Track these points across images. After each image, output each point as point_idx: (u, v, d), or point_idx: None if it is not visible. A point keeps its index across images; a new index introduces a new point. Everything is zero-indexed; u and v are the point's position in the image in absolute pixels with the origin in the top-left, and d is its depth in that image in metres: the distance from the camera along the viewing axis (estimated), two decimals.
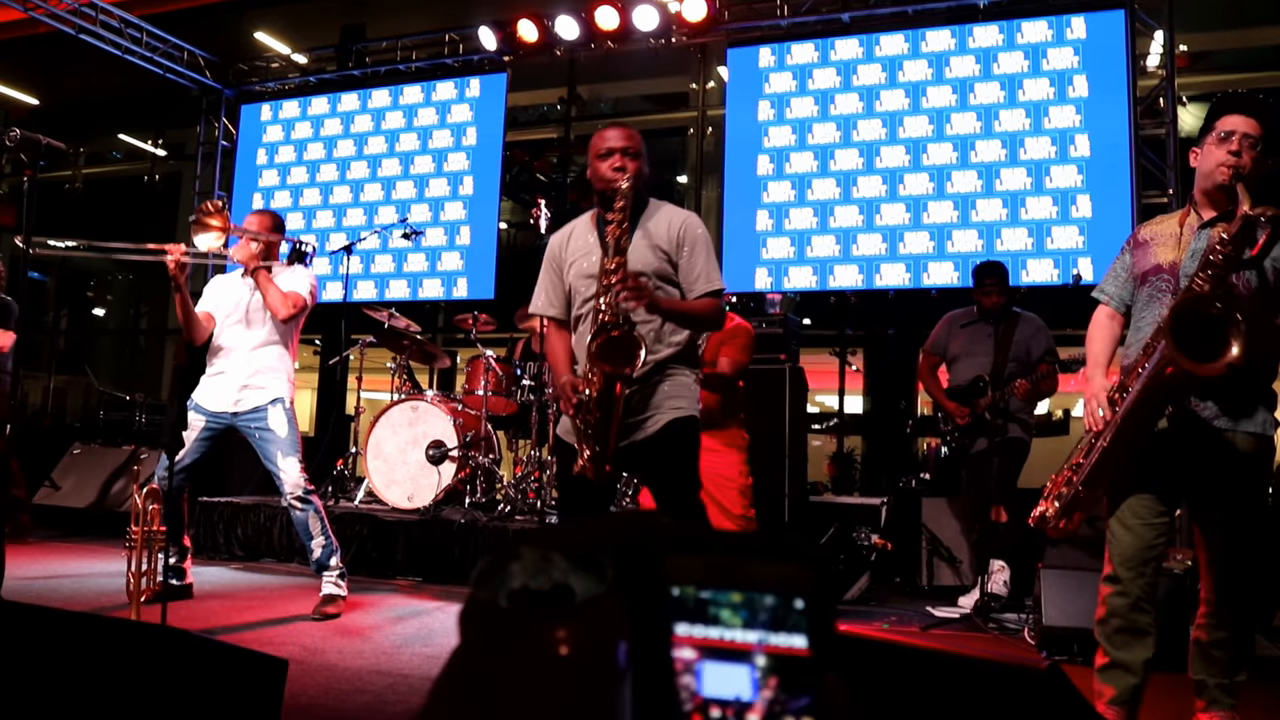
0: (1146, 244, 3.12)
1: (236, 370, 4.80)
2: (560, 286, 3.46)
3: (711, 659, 0.64)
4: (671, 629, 0.64)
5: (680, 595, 0.64)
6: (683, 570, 0.65)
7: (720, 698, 0.63)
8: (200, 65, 10.59)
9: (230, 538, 6.61)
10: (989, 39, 7.81)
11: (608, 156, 3.34)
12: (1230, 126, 2.93)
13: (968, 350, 5.80)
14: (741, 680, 0.63)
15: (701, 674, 0.64)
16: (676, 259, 3.34)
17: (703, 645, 0.64)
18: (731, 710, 0.63)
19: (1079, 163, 7.38)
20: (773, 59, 8.52)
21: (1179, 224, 3.06)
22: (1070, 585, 4.34)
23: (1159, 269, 3.03)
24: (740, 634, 0.63)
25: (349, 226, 9.80)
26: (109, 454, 8.03)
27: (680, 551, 0.65)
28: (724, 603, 0.64)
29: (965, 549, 6.23)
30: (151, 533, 4.27)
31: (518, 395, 7.05)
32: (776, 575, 0.64)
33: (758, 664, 0.63)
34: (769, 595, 0.63)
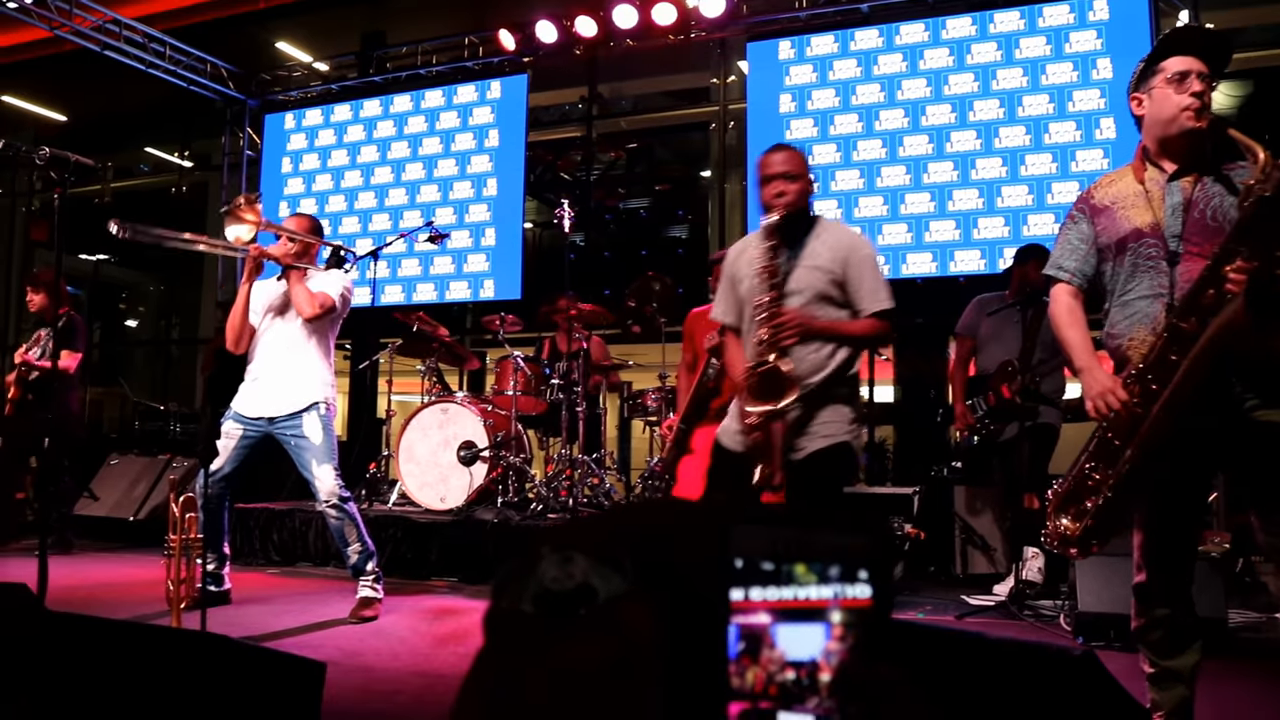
0: (1109, 209, 2.78)
1: (272, 375, 4.84)
2: (734, 297, 3.54)
3: (784, 621, 0.65)
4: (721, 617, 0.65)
5: (746, 566, 0.65)
6: (750, 543, 0.66)
7: (795, 660, 0.65)
8: (223, 77, 10.69)
9: (266, 543, 6.67)
10: (1010, 24, 7.76)
11: (768, 183, 3.42)
12: (1184, 66, 2.66)
13: (996, 334, 5.79)
14: (814, 641, 0.65)
15: (776, 637, 0.65)
16: (843, 278, 3.37)
17: (772, 608, 0.65)
18: (805, 671, 0.65)
19: (1104, 146, 7.33)
20: (792, 51, 8.51)
21: (1139, 182, 2.74)
22: (1105, 571, 4.32)
23: (1139, 233, 2.68)
24: (810, 592, 0.65)
25: (375, 231, 9.86)
26: (145, 464, 8.14)
27: (748, 524, 0.67)
28: (790, 570, 0.65)
29: (999, 537, 6.21)
30: (189, 540, 4.33)
31: (547, 394, 7.08)
32: (842, 546, 0.66)
33: (830, 620, 0.65)
34: (835, 565, 0.65)
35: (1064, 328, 2.86)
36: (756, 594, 0.66)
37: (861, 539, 0.66)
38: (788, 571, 0.65)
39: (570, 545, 0.70)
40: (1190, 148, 2.67)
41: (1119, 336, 2.73)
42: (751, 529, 0.66)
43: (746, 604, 0.66)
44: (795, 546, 0.66)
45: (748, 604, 0.66)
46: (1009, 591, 5.26)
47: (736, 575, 0.65)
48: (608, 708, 0.64)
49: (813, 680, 0.64)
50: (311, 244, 4.99)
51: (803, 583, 0.65)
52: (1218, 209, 2.61)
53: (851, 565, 0.65)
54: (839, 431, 3.33)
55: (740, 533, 0.66)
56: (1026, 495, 5.44)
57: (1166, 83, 2.69)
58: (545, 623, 0.69)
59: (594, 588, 0.68)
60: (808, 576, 0.65)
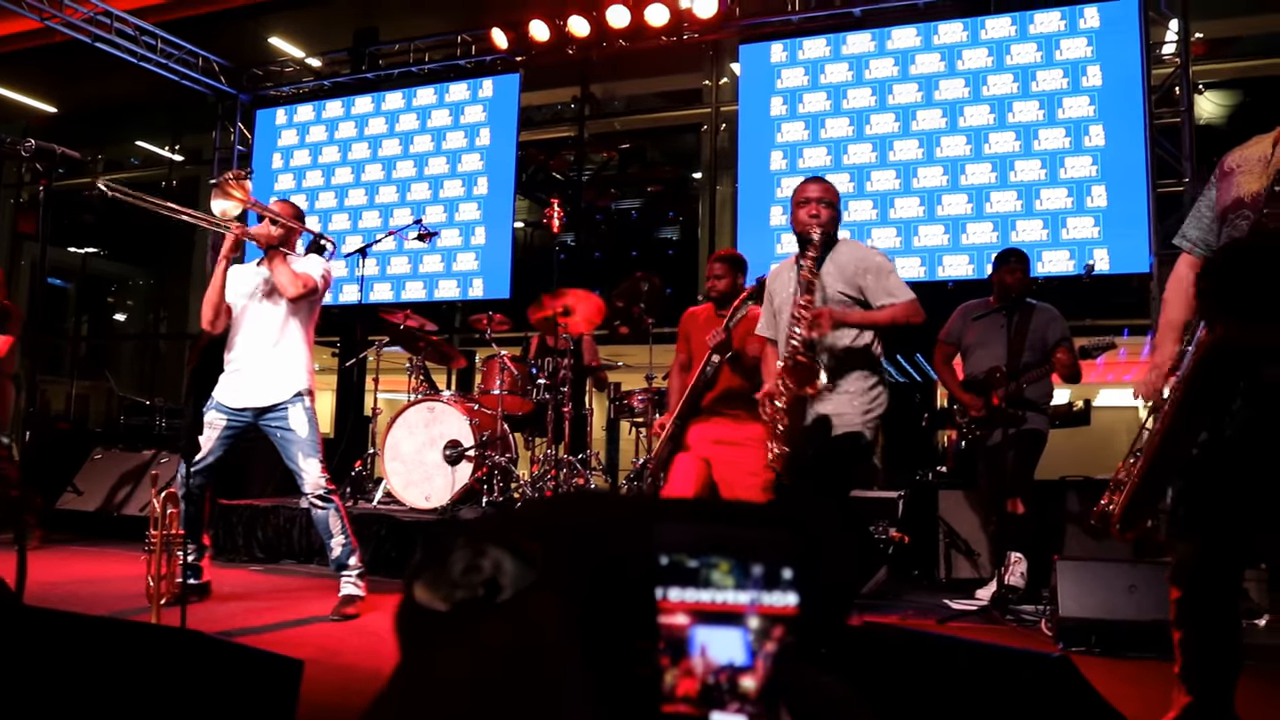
0: (1231, 173, 2.52)
1: (254, 363, 4.82)
2: (770, 313, 4.25)
3: (705, 624, 0.64)
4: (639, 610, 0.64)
5: (671, 563, 0.64)
6: (674, 539, 0.65)
7: (716, 663, 0.63)
8: (215, 71, 10.66)
9: (250, 540, 6.65)
10: (1001, 30, 7.79)
11: (805, 205, 3.99)
12: None
13: (982, 340, 5.80)
14: (735, 645, 0.63)
15: (694, 640, 0.64)
16: (862, 285, 3.92)
17: (695, 610, 0.64)
18: (726, 675, 0.63)
19: (1094, 153, 7.35)
20: (784, 54, 8.52)
21: (1273, 143, 2.45)
22: (1086, 577, 4.33)
23: (1240, 203, 2.44)
24: (733, 596, 0.64)
25: (364, 229, 9.84)
26: (129, 459, 8.11)
27: (672, 521, 0.65)
28: (715, 569, 0.64)
29: (983, 541, 6.22)
30: (170, 536, 4.31)
31: (533, 394, 7.07)
32: (767, 542, 0.64)
33: (751, 626, 0.64)
34: (759, 562, 0.64)
35: (1165, 300, 2.69)
36: (682, 594, 0.64)
37: (789, 536, 0.65)
38: (713, 570, 0.64)
39: (483, 538, 0.69)
40: None
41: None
42: (679, 526, 0.65)
43: (672, 604, 0.64)
44: (722, 544, 0.65)
45: (673, 604, 0.64)
46: (991, 596, 5.26)
47: (662, 572, 0.64)
48: (515, 701, 0.63)
49: (734, 685, 0.63)
50: (294, 230, 4.97)
51: (727, 584, 0.64)
52: None
53: (777, 564, 0.64)
54: (847, 421, 3.87)
55: (667, 529, 0.65)
56: (1011, 500, 5.45)
57: None
58: (453, 617, 0.68)
59: (501, 580, 0.66)
60: (733, 577, 0.64)
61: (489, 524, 0.72)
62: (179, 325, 14.71)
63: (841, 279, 3.91)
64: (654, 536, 0.64)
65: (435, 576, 0.71)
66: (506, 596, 0.67)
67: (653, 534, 0.65)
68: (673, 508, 0.66)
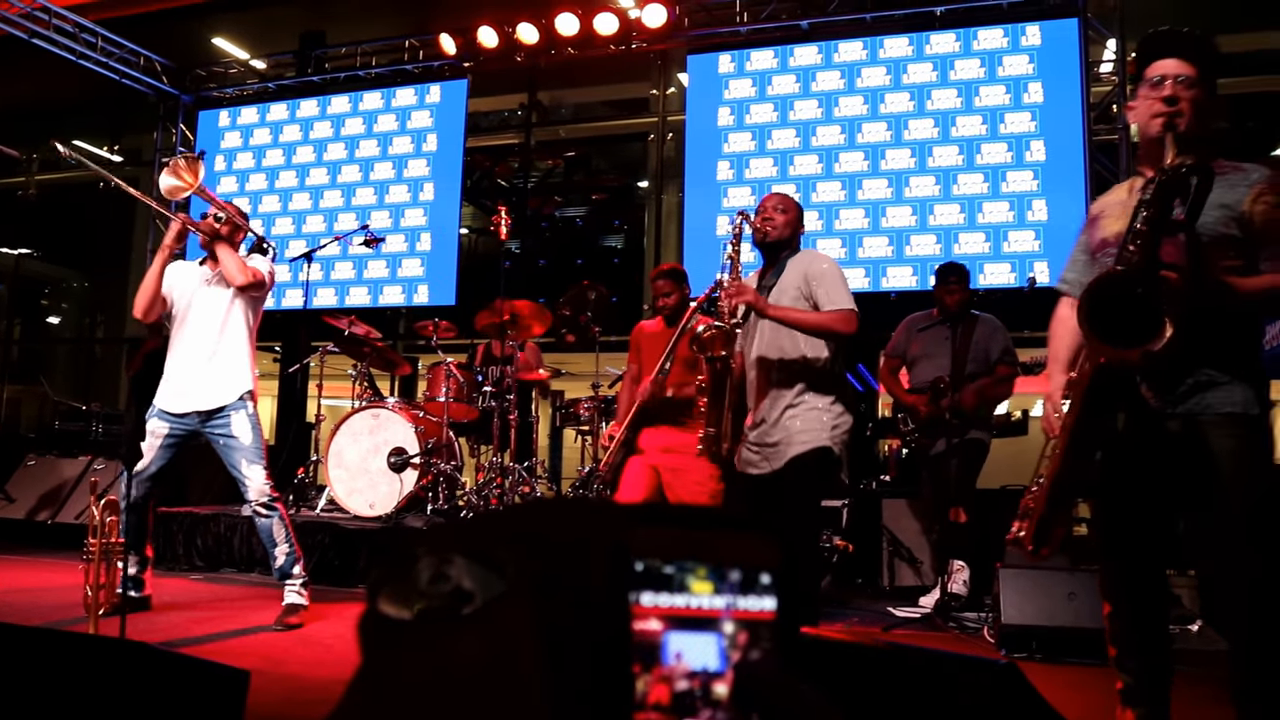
0: (1096, 219, 2.77)
1: (196, 366, 4.72)
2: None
3: (678, 629, 0.63)
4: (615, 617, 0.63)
5: (645, 569, 0.63)
6: (648, 545, 0.64)
7: (689, 669, 0.62)
8: (157, 71, 10.49)
9: (190, 548, 6.54)
10: (946, 46, 7.91)
11: (759, 213, 4.08)
12: (1160, 71, 2.54)
13: (927, 352, 5.87)
14: (709, 650, 0.63)
15: (668, 647, 0.62)
16: (811, 292, 3.90)
17: (669, 615, 0.63)
18: (699, 681, 0.62)
19: (1035, 167, 7.49)
20: (732, 65, 8.57)
21: (1128, 190, 2.69)
22: (1028, 584, 4.40)
23: (1105, 243, 2.66)
24: (707, 601, 0.63)
25: (309, 233, 9.74)
26: (65, 465, 7.94)
27: (646, 525, 0.64)
28: (691, 574, 0.63)
29: (926, 549, 6.29)
30: (109, 545, 4.23)
31: (479, 401, 7.04)
32: (743, 548, 0.64)
33: (725, 632, 0.63)
34: (735, 569, 0.64)
35: (1051, 336, 2.89)
36: (656, 599, 0.63)
37: (770, 543, 0.65)
38: (687, 577, 0.64)
39: (448, 547, 0.68)
40: (1161, 153, 2.49)
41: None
42: (653, 531, 0.64)
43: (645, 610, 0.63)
44: (698, 550, 0.64)
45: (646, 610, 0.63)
46: (935, 603, 5.33)
47: (636, 579, 0.63)
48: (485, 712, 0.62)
49: (707, 691, 0.63)
50: (240, 228, 4.90)
51: (702, 589, 0.64)
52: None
53: (754, 571, 0.64)
54: (814, 439, 3.80)
55: (641, 535, 0.64)
56: (953, 509, 5.53)
57: (1147, 88, 2.59)
58: (421, 628, 0.67)
59: (470, 590, 0.66)
60: (707, 582, 0.64)
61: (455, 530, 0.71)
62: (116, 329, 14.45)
63: (795, 281, 3.94)
64: (627, 542, 0.64)
65: (401, 586, 0.70)
66: (477, 606, 0.66)
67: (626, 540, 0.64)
68: (647, 513, 0.66)
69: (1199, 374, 2.50)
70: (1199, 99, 2.53)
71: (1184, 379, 2.50)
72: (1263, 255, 2.48)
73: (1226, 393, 2.50)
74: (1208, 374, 2.50)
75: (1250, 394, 2.51)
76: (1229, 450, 2.49)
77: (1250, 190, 2.50)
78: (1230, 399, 2.49)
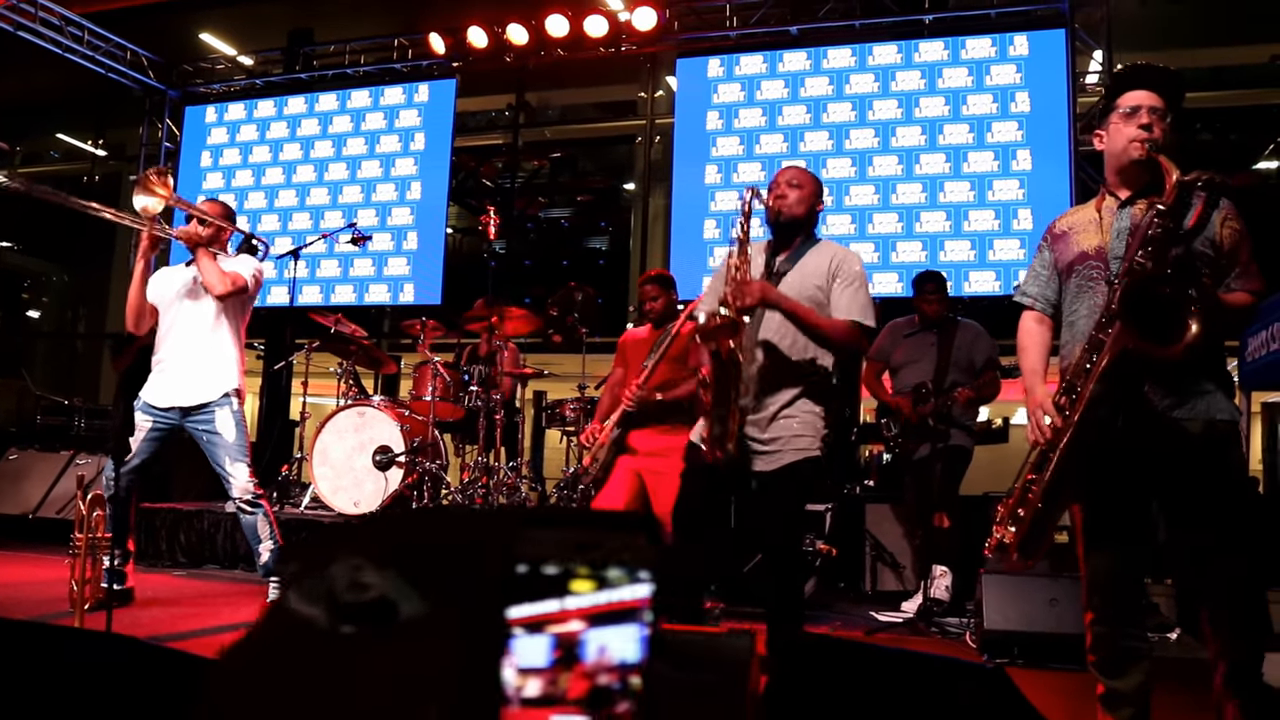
0: (1066, 234, 2.94)
1: (182, 362, 4.73)
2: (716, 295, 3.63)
3: (591, 627, 0.66)
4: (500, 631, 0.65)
5: (531, 572, 0.66)
6: (537, 547, 0.67)
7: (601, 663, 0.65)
8: (143, 65, 10.45)
9: (173, 544, 6.52)
10: (934, 54, 7.96)
11: (772, 188, 3.64)
12: (1135, 101, 2.78)
13: (911, 358, 5.90)
14: (627, 643, 0.66)
15: (585, 644, 0.66)
16: (829, 291, 3.52)
17: (551, 617, 0.66)
18: (617, 675, 0.66)
19: (1021, 176, 7.54)
20: (721, 69, 8.60)
21: (1096, 210, 2.89)
22: (1010, 589, 4.43)
23: (1085, 256, 2.83)
24: (595, 599, 0.66)
25: (295, 231, 9.72)
26: (46, 459, 7.89)
27: (535, 528, 0.67)
28: (576, 574, 0.66)
29: (908, 554, 6.32)
30: (96, 539, 4.21)
31: (465, 400, 7.04)
32: (624, 546, 0.67)
33: (607, 625, 0.66)
34: (616, 565, 0.67)
35: (1022, 350, 3.01)
36: (541, 602, 0.66)
37: (644, 540, 0.68)
38: (570, 578, 0.66)
39: (362, 553, 0.68)
40: (1140, 176, 2.77)
41: (1065, 356, 2.83)
42: (541, 533, 0.66)
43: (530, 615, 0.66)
44: (579, 551, 0.67)
45: (532, 616, 0.66)
46: (917, 608, 5.36)
47: (520, 586, 0.65)
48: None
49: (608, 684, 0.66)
50: (224, 229, 4.89)
51: (582, 588, 0.66)
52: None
53: (632, 568, 0.67)
54: (810, 445, 3.49)
55: (529, 538, 0.66)
56: (936, 514, 5.56)
57: (1120, 117, 2.80)
58: (342, 636, 0.68)
59: (395, 604, 0.67)
60: (591, 581, 0.66)
61: (362, 538, 0.72)
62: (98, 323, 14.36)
63: (809, 274, 3.55)
64: (520, 548, 0.66)
65: (315, 586, 0.71)
66: (401, 623, 0.67)
67: (511, 549, 0.66)
68: (532, 516, 0.68)
69: (1199, 380, 2.67)
70: (1166, 129, 2.75)
71: (1187, 384, 2.66)
72: (1233, 274, 2.70)
73: (1218, 400, 2.68)
74: (1203, 382, 2.67)
75: (1231, 402, 2.72)
76: (1233, 453, 2.68)
77: (1219, 214, 2.70)
78: (1220, 405, 2.68)
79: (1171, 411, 2.66)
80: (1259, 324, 4.85)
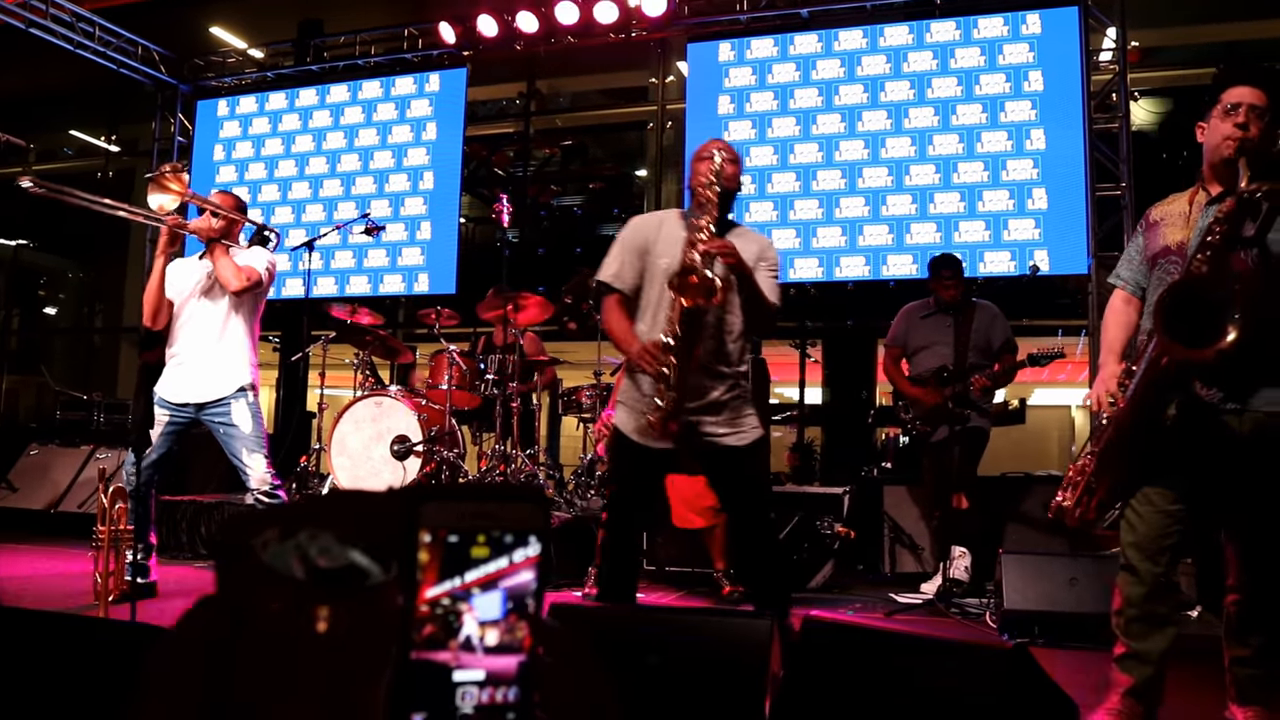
0: (1157, 225, 3.04)
1: (197, 357, 4.75)
2: (637, 266, 3.54)
3: (474, 594, 0.74)
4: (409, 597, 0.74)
5: (435, 541, 0.73)
6: (439, 518, 0.74)
7: (481, 619, 0.74)
8: (155, 60, 10.47)
9: (194, 536, 6.57)
10: (946, 34, 7.91)
11: (706, 159, 3.49)
12: (1236, 98, 2.82)
13: (928, 341, 5.90)
14: (494, 604, 0.74)
15: (471, 607, 0.74)
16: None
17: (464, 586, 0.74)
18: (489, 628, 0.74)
19: (1035, 156, 7.50)
20: (732, 54, 8.57)
21: (1189, 202, 2.98)
22: (1030, 570, 4.43)
23: (1168, 250, 2.94)
24: (490, 566, 0.74)
25: (308, 223, 9.74)
26: (67, 454, 7.96)
27: (435, 500, 0.74)
28: (475, 543, 0.74)
29: (927, 536, 6.32)
30: (118, 532, 4.25)
31: (481, 389, 7.06)
32: (516, 514, 0.75)
33: (505, 586, 0.75)
34: (510, 533, 0.75)
35: (1104, 325, 3.16)
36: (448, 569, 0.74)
37: (533, 507, 0.76)
38: (470, 543, 0.74)
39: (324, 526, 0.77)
40: (1230, 175, 2.81)
41: (1141, 343, 2.94)
42: (441, 505, 0.74)
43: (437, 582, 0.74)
44: (479, 519, 0.74)
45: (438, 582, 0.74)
46: (936, 590, 5.37)
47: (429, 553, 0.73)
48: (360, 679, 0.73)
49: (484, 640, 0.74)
50: (236, 221, 4.91)
51: (481, 553, 0.74)
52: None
53: (523, 533, 0.75)
54: (760, 425, 3.52)
55: (431, 509, 0.74)
56: (955, 495, 5.56)
57: (1220, 113, 2.86)
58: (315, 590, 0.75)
59: (365, 572, 0.75)
60: (486, 547, 0.74)
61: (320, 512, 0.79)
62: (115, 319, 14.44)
63: (748, 257, 3.41)
64: (416, 520, 0.74)
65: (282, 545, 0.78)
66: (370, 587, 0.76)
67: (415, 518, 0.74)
68: (434, 491, 0.76)
69: (1254, 376, 2.77)
70: (1266, 128, 2.81)
71: (1248, 379, 2.77)
72: None
73: (1271, 394, 2.78)
74: (1258, 377, 2.78)
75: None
76: (1269, 443, 2.76)
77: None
78: (1272, 398, 2.77)
79: (1224, 404, 2.78)
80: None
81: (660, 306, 3.40)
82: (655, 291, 3.46)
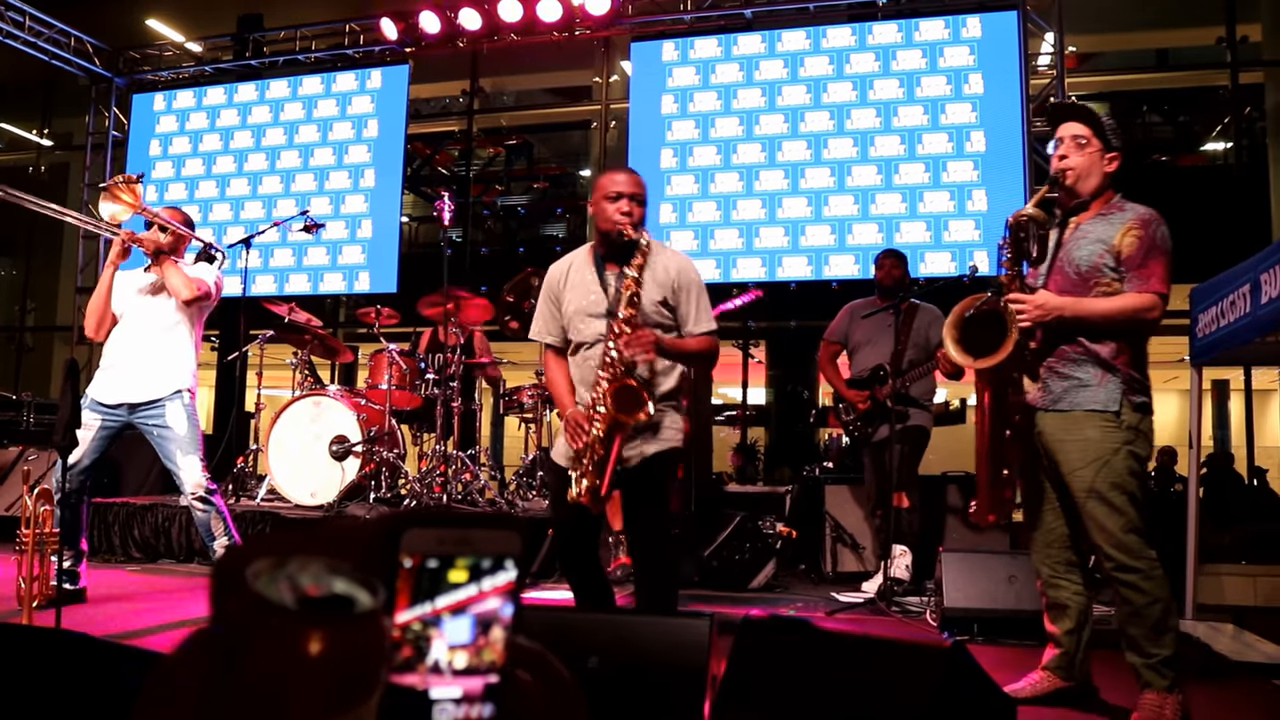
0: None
1: (132, 361, 4.65)
2: (557, 318, 3.47)
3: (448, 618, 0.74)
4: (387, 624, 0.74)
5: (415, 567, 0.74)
6: (419, 544, 0.74)
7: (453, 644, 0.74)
8: (89, 52, 10.25)
9: (126, 539, 6.43)
10: (888, 36, 7.97)
11: (616, 200, 3.36)
12: (1059, 133, 3.28)
13: (869, 339, 5.92)
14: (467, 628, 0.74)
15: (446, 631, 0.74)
16: (674, 302, 3.40)
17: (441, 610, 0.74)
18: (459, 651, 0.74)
19: (975, 158, 7.58)
20: (676, 53, 8.58)
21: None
22: (970, 568, 4.46)
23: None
24: (467, 590, 0.75)
25: (247, 219, 9.59)
26: None
27: (418, 526, 0.75)
28: (453, 567, 0.75)
29: (868, 535, 6.35)
30: (43, 535, 4.14)
31: (422, 389, 6.98)
32: (495, 540, 0.76)
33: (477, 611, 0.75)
34: (488, 558, 0.75)
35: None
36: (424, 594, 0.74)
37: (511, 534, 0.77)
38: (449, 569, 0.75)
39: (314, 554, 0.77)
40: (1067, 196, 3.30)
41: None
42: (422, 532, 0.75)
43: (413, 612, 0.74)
44: (459, 546, 0.75)
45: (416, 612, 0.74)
46: (877, 588, 5.39)
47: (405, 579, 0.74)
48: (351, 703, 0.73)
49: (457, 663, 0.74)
50: (184, 237, 4.83)
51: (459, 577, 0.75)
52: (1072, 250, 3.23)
53: (500, 557, 0.76)
54: (671, 438, 3.40)
55: (412, 535, 0.75)
56: (896, 494, 5.59)
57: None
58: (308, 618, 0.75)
59: (356, 599, 0.76)
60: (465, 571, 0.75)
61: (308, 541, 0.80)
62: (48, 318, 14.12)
63: (657, 287, 3.36)
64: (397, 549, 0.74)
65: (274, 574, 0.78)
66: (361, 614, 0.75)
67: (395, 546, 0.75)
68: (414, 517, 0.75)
69: (1074, 377, 3.11)
70: (1091, 155, 3.19)
71: (1060, 381, 3.14)
72: (1128, 279, 3.05)
73: (1091, 393, 3.08)
74: (1076, 377, 3.11)
75: (1110, 391, 3.06)
76: (1093, 439, 3.06)
77: (1123, 226, 3.08)
78: (1090, 397, 3.08)
79: (1053, 406, 3.15)
80: (1208, 301, 4.91)
81: (587, 356, 3.36)
82: (578, 335, 3.40)
